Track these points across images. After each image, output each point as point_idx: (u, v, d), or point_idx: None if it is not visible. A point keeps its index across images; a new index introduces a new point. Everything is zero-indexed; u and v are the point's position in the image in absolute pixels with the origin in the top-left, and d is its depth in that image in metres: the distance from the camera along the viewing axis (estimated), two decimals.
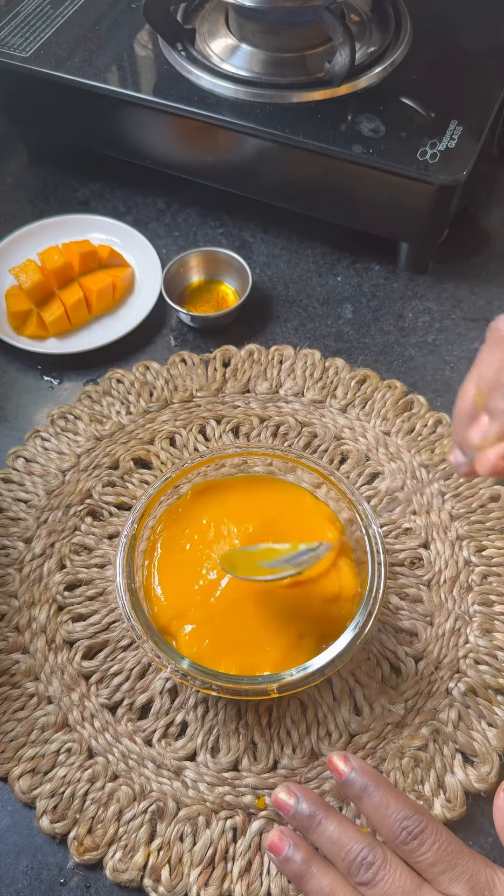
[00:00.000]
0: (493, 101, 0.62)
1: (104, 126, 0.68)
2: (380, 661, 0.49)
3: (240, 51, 0.65)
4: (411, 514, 0.55)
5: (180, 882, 0.42)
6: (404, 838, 0.36)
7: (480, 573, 0.52)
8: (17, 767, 0.46)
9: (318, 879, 0.36)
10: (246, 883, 0.42)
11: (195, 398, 0.60)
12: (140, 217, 0.72)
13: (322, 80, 0.62)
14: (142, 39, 0.68)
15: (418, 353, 0.63)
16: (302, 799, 0.38)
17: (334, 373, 0.62)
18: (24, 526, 0.54)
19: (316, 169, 0.62)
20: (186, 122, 0.63)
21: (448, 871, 0.35)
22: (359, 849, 0.36)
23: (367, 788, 0.37)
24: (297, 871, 0.37)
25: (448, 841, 0.36)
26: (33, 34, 0.67)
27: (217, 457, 0.51)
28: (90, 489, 0.56)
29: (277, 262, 0.69)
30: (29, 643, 0.50)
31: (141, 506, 0.48)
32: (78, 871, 0.44)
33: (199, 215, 0.72)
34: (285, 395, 0.61)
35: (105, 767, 0.46)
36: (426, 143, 0.59)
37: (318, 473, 0.50)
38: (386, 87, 0.63)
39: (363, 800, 0.37)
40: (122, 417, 0.59)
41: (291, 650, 0.45)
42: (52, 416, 0.60)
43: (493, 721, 0.47)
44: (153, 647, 0.44)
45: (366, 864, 0.35)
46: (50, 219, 0.69)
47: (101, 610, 0.51)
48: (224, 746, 0.47)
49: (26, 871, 0.44)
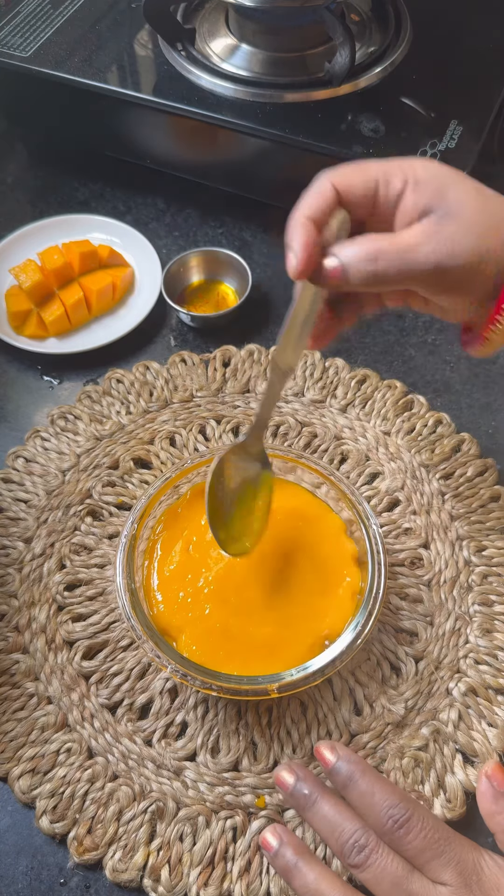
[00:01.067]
0: (493, 101, 0.62)
1: (104, 126, 0.68)
2: (380, 661, 0.49)
3: (240, 51, 0.65)
4: (411, 514, 0.55)
5: (180, 882, 0.42)
6: (391, 827, 0.36)
7: (480, 573, 0.52)
8: (16, 767, 0.46)
9: (304, 875, 0.36)
10: (245, 882, 0.42)
11: (195, 398, 0.60)
12: (140, 217, 0.72)
13: (322, 80, 0.62)
14: (142, 39, 0.68)
15: (418, 353, 0.63)
16: (301, 778, 0.38)
17: (334, 373, 0.62)
18: (24, 526, 0.54)
19: (316, 169, 0.61)
20: (186, 122, 0.63)
21: (436, 859, 0.35)
22: (352, 830, 0.36)
23: (352, 777, 0.37)
24: (284, 867, 0.37)
25: (435, 828, 0.36)
26: (33, 34, 0.67)
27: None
28: (90, 489, 0.56)
29: (277, 262, 0.69)
30: (29, 643, 0.50)
31: (141, 506, 0.48)
32: (78, 871, 0.44)
33: (199, 215, 0.72)
34: (285, 395, 0.61)
35: (105, 767, 0.46)
36: (426, 143, 0.59)
37: (318, 473, 0.50)
38: (386, 87, 0.63)
39: (349, 788, 0.37)
40: (122, 417, 0.59)
41: (292, 650, 0.45)
42: (52, 416, 0.60)
43: (494, 721, 0.47)
44: (153, 647, 0.44)
45: (358, 846, 0.36)
46: (50, 219, 0.69)
47: (101, 610, 0.51)
48: (224, 746, 0.47)
49: (26, 871, 0.44)
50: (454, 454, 0.57)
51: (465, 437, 0.58)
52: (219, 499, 0.44)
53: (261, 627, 0.45)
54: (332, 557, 0.48)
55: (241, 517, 0.46)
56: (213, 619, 0.46)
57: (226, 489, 0.45)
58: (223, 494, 0.45)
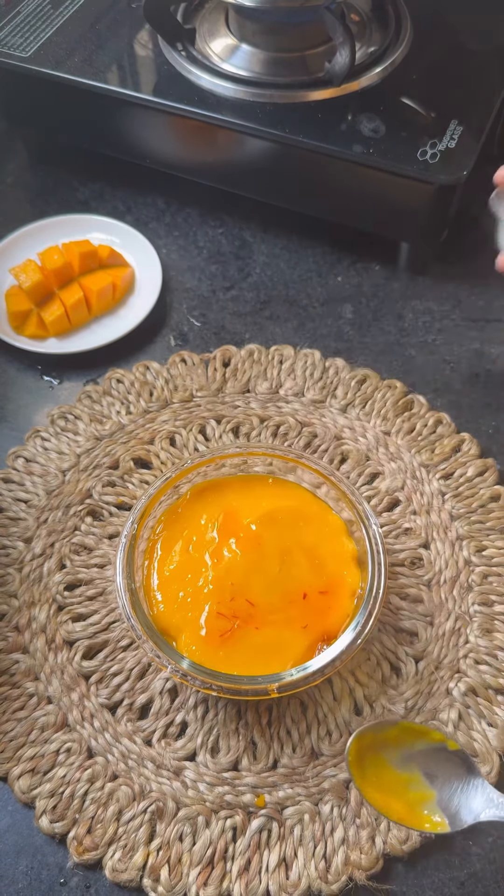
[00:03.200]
0: (493, 101, 0.62)
1: (104, 126, 0.68)
2: (380, 661, 0.49)
3: (240, 51, 0.65)
4: (411, 514, 0.55)
5: (179, 882, 0.42)
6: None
7: (480, 573, 0.52)
8: (16, 767, 0.46)
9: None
10: (245, 882, 0.42)
11: (195, 398, 0.60)
12: (140, 217, 0.72)
13: (322, 79, 0.62)
14: (142, 39, 0.68)
15: (418, 353, 0.63)
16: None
17: (334, 373, 0.62)
18: (24, 526, 0.54)
19: (316, 169, 0.62)
20: (186, 122, 0.63)
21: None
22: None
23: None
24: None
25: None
26: (33, 34, 0.67)
27: (217, 457, 0.51)
28: (90, 489, 0.56)
29: (277, 262, 0.69)
30: (29, 643, 0.50)
31: (141, 506, 0.48)
32: (77, 870, 0.44)
33: (199, 215, 0.72)
34: (285, 395, 0.61)
35: (105, 767, 0.46)
36: (426, 143, 0.59)
37: (318, 473, 0.50)
38: (386, 87, 0.63)
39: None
40: (122, 417, 0.59)
41: (292, 650, 0.45)
42: (52, 416, 0.60)
43: (494, 721, 0.47)
44: (153, 647, 0.44)
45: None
46: (50, 219, 0.69)
47: (101, 610, 0.51)
48: (224, 746, 0.47)
49: (26, 871, 0.44)
50: (454, 454, 0.57)
51: (465, 437, 0.58)
52: None
53: (261, 627, 0.45)
54: (332, 557, 0.48)
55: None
56: (213, 618, 0.46)
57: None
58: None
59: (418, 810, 0.40)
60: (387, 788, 0.41)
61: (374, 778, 0.41)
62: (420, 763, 0.42)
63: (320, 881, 0.43)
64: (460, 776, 0.41)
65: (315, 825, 0.44)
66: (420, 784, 0.41)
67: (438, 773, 0.41)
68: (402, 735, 0.42)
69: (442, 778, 0.41)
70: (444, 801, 0.41)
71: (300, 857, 0.43)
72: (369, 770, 0.42)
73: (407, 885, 0.43)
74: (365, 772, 0.42)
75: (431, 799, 0.41)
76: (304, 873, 0.43)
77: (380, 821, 0.44)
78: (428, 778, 0.41)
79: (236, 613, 0.46)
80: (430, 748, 0.42)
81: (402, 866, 0.44)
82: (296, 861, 0.43)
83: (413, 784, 0.41)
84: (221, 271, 0.69)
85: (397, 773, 0.42)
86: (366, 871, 0.43)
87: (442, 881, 0.43)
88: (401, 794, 0.41)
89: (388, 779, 0.41)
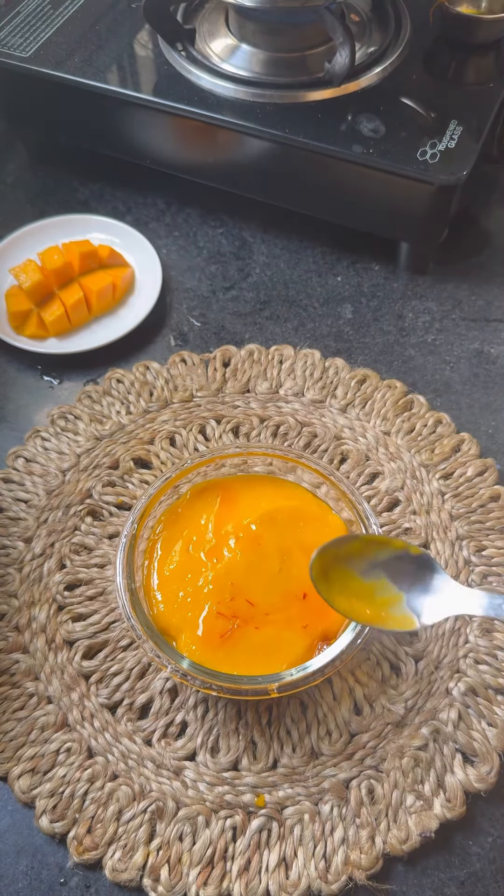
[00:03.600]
0: (493, 101, 0.62)
1: (104, 126, 0.68)
2: (380, 661, 0.49)
3: (240, 51, 0.65)
4: (411, 514, 0.55)
5: (179, 881, 0.42)
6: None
7: (480, 573, 0.52)
8: (16, 767, 0.46)
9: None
10: (245, 881, 0.42)
11: (195, 398, 0.60)
12: (140, 217, 0.72)
13: (322, 80, 0.62)
14: (142, 39, 0.68)
15: (418, 353, 0.63)
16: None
17: (334, 373, 0.62)
18: (24, 526, 0.54)
19: (316, 169, 0.62)
20: (186, 122, 0.63)
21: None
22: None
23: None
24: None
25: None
26: (33, 34, 0.67)
27: (217, 457, 0.51)
28: (90, 489, 0.56)
29: (277, 262, 0.69)
30: (29, 643, 0.50)
31: (141, 506, 0.48)
32: (77, 870, 0.44)
33: (199, 215, 0.72)
34: (285, 395, 0.61)
35: (105, 767, 0.46)
36: (426, 143, 0.59)
37: (318, 473, 0.50)
38: (386, 87, 0.63)
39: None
40: (122, 417, 0.59)
41: (292, 650, 0.45)
42: (52, 415, 0.60)
43: (493, 721, 0.47)
44: (153, 647, 0.44)
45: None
46: (50, 219, 0.69)
47: (101, 610, 0.51)
48: (224, 746, 0.47)
49: (26, 870, 0.44)
50: (454, 454, 0.57)
51: (465, 437, 0.58)
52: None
53: (261, 627, 0.45)
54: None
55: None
56: (213, 618, 0.46)
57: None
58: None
59: (387, 612, 0.42)
60: (354, 595, 0.42)
61: (341, 587, 0.42)
62: (385, 570, 0.42)
63: (320, 881, 0.43)
64: (425, 577, 0.42)
65: (315, 825, 0.44)
66: (387, 589, 0.42)
67: (404, 577, 0.42)
68: (366, 547, 0.43)
69: (408, 581, 0.42)
70: (412, 601, 0.42)
71: (300, 856, 0.43)
72: (335, 583, 0.42)
73: (407, 885, 0.43)
74: (331, 585, 0.42)
75: (399, 601, 0.42)
76: (304, 873, 0.43)
77: (380, 820, 0.44)
78: (394, 582, 0.42)
79: (236, 613, 0.46)
80: (393, 556, 0.43)
81: (402, 866, 0.44)
82: (296, 861, 0.43)
83: (379, 590, 0.42)
84: (221, 271, 0.69)
85: (363, 582, 0.42)
86: (366, 871, 0.43)
87: (442, 881, 0.44)
88: (369, 600, 0.42)
89: (355, 587, 0.42)
